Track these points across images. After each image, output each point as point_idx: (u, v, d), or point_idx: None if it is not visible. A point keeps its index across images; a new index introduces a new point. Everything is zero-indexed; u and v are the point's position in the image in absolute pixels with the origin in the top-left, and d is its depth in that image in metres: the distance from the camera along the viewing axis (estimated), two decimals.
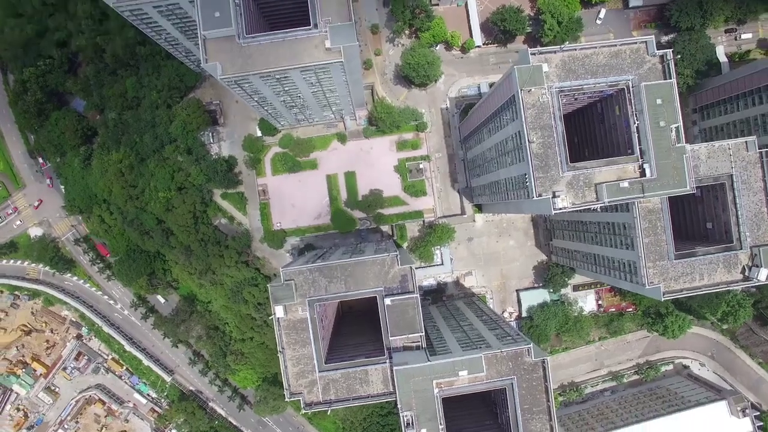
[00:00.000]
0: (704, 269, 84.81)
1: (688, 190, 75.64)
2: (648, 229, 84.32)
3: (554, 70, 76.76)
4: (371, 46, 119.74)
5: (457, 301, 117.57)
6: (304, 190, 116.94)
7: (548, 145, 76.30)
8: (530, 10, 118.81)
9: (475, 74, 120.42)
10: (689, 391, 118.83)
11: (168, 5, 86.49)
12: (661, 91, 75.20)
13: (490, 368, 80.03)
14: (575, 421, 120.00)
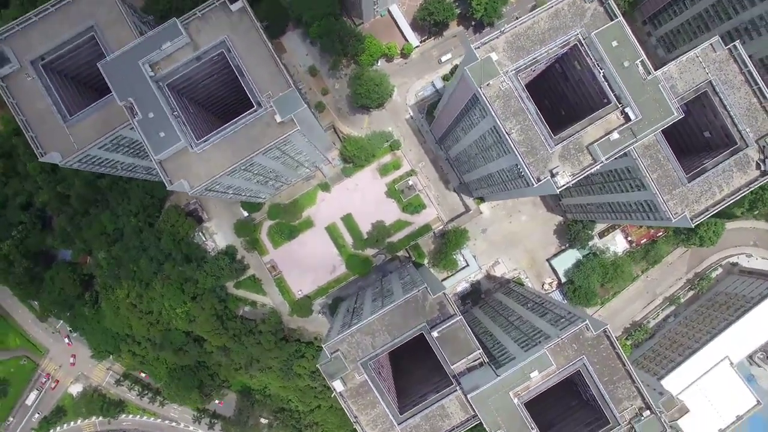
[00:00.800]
0: (720, 180, 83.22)
1: (676, 116, 73.95)
2: (652, 165, 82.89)
3: (503, 54, 75.12)
4: (316, 88, 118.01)
5: (496, 294, 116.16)
6: (310, 250, 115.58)
7: (527, 128, 74.71)
8: None
9: (425, 74, 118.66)
10: (747, 287, 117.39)
11: (111, 141, 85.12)
12: (613, 33, 73.29)
13: (557, 358, 78.88)
14: (652, 359, 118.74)
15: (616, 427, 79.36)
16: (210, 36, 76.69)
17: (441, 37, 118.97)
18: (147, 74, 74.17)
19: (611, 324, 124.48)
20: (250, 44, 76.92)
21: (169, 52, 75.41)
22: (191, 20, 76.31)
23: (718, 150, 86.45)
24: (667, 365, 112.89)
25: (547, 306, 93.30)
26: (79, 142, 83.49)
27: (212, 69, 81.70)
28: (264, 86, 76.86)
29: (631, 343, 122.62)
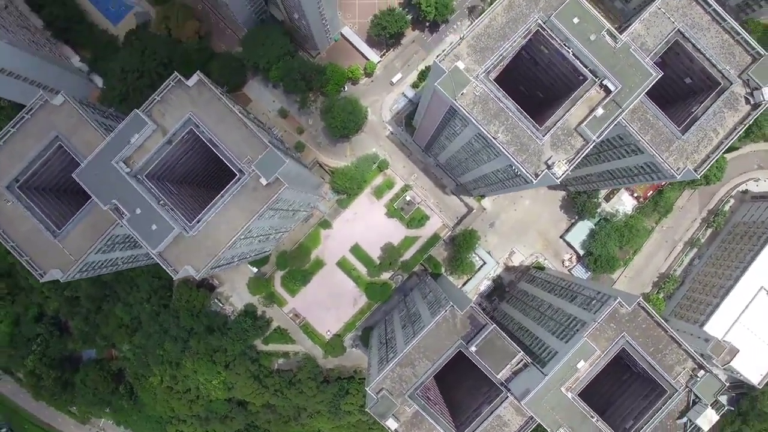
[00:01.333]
0: (714, 124, 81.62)
1: (655, 76, 72.55)
2: (642, 128, 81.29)
3: (469, 59, 73.77)
4: (291, 129, 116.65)
5: (520, 284, 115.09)
6: (328, 289, 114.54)
7: (512, 126, 73.44)
8: (399, 5, 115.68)
9: (394, 87, 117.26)
10: (764, 212, 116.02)
11: (106, 243, 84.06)
12: (572, 11, 71.74)
13: (599, 342, 77.77)
14: (689, 307, 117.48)
15: (674, 394, 78.44)
16: (175, 117, 75.53)
17: (400, 46, 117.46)
18: (123, 172, 73.13)
19: (638, 282, 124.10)
20: (216, 115, 75.80)
21: (139, 143, 74.24)
22: (152, 106, 75.08)
23: (704, 94, 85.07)
24: (705, 310, 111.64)
25: (574, 289, 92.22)
26: (76, 253, 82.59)
27: (186, 147, 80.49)
28: (241, 152, 75.71)
29: (663, 295, 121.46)
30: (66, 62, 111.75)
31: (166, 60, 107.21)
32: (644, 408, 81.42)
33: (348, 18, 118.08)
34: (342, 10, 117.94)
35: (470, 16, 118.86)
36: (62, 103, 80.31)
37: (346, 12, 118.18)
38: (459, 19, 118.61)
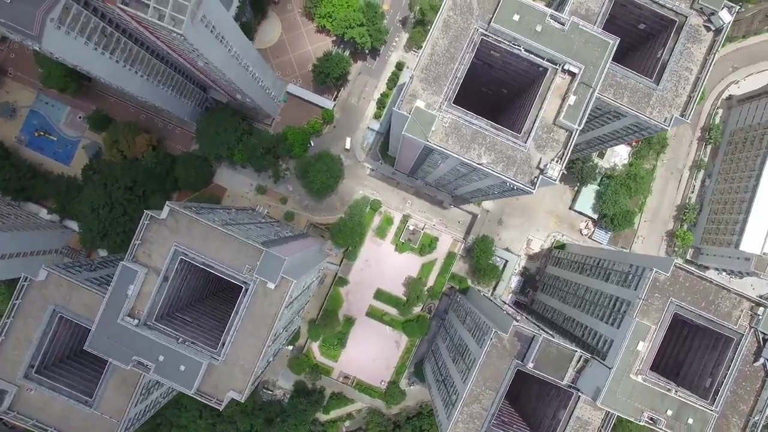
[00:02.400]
0: (684, 62, 78.70)
1: (613, 43, 69.92)
2: (617, 92, 78.58)
3: (426, 93, 71.20)
4: (275, 202, 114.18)
5: (548, 269, 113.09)
6: (367, 342, 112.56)
7: (492, 144, 71.02)
8: (333, 45, 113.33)
9: (357, 124, 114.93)
10: (756, 112, 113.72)
11: (142, 391, 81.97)
12: (510, 9, 69.35)
13: (650, 316, 75.90)
14: (717, 231, 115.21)
15: (741, 339, 76.44)
16: (162, 253, 73.17)
17: (348, 83, 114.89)
18: (132, 326, 71.02)
19: (659, 222, 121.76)
20: (200, 236, 73.40)
21: (136, 291, 72.02)
22: (136, 251, 72.74)
23: (662, 35, 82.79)
24: (734, 228, 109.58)
25: (604, 266, 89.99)
26: (116, 414, 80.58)
27: (183, 275, 78.29)
28: (239, 263, 73.35)
29: (687, 227, 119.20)
30: (35, 220, 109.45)
31: (130, 183, 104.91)
32: (717, 360, 79.43)
33: (288, 74, 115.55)
34: (279, 69, 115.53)
35: (405, 28, 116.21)
36: (47, 276, 78.28)
37: (284, 70, 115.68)
38: (395, 34, 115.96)
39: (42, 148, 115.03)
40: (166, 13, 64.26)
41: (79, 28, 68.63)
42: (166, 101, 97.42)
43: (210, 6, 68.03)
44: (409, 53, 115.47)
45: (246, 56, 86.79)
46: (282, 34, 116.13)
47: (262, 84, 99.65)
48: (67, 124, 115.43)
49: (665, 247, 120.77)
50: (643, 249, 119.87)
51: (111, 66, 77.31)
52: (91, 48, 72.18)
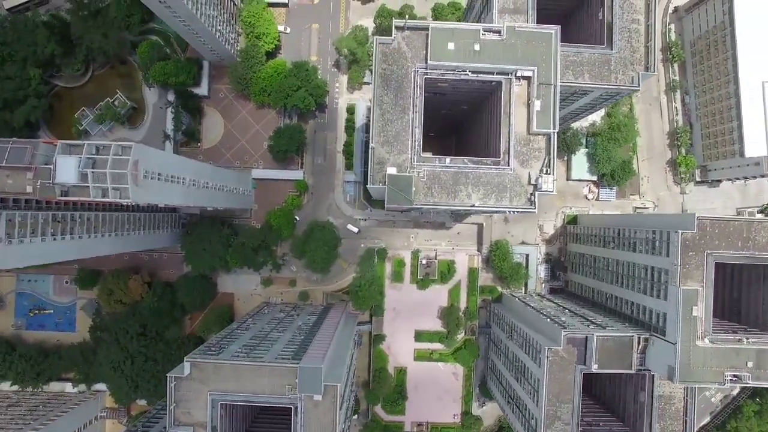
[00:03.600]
0: (628, 15, 75.23)
1: (556, 28, 67.01)
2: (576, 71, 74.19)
3: (392, 155, 67.89)
4: (284, 287, 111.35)
5: (570, 247, 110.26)
6: (425, 384, 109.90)
7: (477, 179, 68.02)
8: (278, 115, 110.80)
9: (333, 182, 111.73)
10: (707, 17, 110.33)
11: None
12: (441, 40, 66.18)
13: (693, 278, 72.79)
14: (716, 144, 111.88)
15: None
16: (199, 406, 71.18)
17: (308, 145, 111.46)
18: None
19: (656, 155, 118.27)
20: (230, 376, 71.01)
21: None
22: (174, 414, 70.78)
23: None
24: (733, 137, 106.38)
25: (627, 236, 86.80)
26: None
27: (229, 415, 75.78)
28: (277, 387, 70.77)
29: (685, 150, 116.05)
30: (64, 399, 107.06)
31: (140, 330, 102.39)
32: None
33: (248, 161, 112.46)
34: (237, 159, 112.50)
35: (340, 71, 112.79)
36: None
37: (241, 158, 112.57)
38: (334, 80, 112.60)
39: (42, 325, 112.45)
40: (108, 188, 61.36)
41: (30, 231, 65.60)
42: (141, 243, 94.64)
43: (147, 159, 64.99)
44: (354, 93, 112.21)
45: (202, 176, 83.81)
46: (226, 124, 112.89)
47: (228, 189, 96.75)
48: (57, 293, 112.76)
49: (671, 177, 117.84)
50: (651, 188, 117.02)
51: (74, 246, 74.41)
52: (48, 241, 69.20)
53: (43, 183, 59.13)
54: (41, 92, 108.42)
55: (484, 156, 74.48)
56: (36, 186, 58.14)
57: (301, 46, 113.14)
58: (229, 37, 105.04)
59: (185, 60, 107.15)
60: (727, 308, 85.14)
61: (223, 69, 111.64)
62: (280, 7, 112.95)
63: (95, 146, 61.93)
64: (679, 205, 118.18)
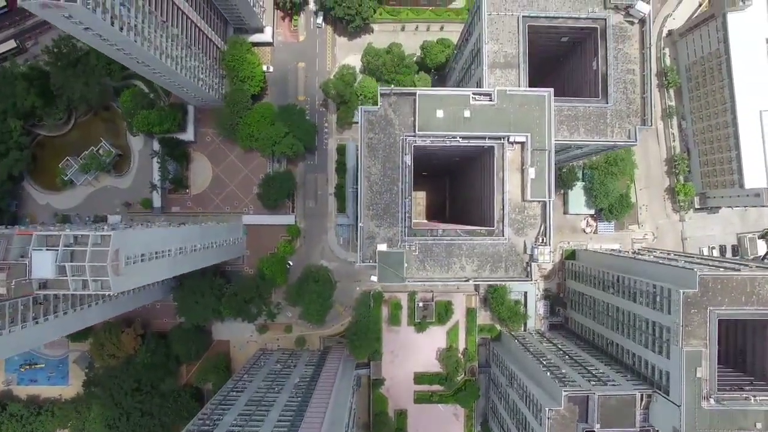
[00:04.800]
0: (623, 65, 72.70)
1: (549, 91, 64.59)
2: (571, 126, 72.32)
3: (382, 229, 65.99)
4: (280, 333, 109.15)
5: (569, 283, 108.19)
6: (426, 426, 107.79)
7: (470, 250, 65.96)
8: (267, 159, 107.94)
9: (325, 226, 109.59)
10: (702, 42, 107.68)
11: None
12: (430, 108, 63.87)
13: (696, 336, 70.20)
14: (714, 172, 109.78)
15: None
16: None
17: (298, 188, 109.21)
18: None
19: (654, 184, 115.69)
20: None
21: None
22: None
23: (588, 41, 76.82)
24: (732, 167, 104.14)
25: (627, 285, 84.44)
26: None
27: None
28: None
29: (683, 179, 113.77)
30: None
31: (134, 384, 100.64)
32: None
33: (237, 206, 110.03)
34: (226, 204, 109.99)
35: (329, 111, 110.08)
36: None
37: (231, 203, 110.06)
38: (323, 120, 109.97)
39: (35, 379, 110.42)
40: (88, 281, 59.08)
41: (9, 321, 63.18)
42: (131, 303, 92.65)
43: (129, 244, 62.62)
44: (344, 132, 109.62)
45: (190, 240, 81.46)
46: (214, 169, 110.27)
47: (218, 244, 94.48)
48: (48, 346, 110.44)
49: (670, 205, 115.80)
50: (650, 216, 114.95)
51: (59, 324, 72.18)
52: (31, 326, 66.91)
53: (18, 282, 56.78)
54: (23, 144, 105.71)
55: (478, 219, 72.68)
56: (10, 286, 55.77)
57: (287, 86, 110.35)
58: (212, 84, 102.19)
59: (169, 107, 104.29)
60: (731, 356, 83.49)
61: (208, 112, 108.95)
62: (265, 46, 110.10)
63: (73, 236, 59.59)
64: (678, 233, 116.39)
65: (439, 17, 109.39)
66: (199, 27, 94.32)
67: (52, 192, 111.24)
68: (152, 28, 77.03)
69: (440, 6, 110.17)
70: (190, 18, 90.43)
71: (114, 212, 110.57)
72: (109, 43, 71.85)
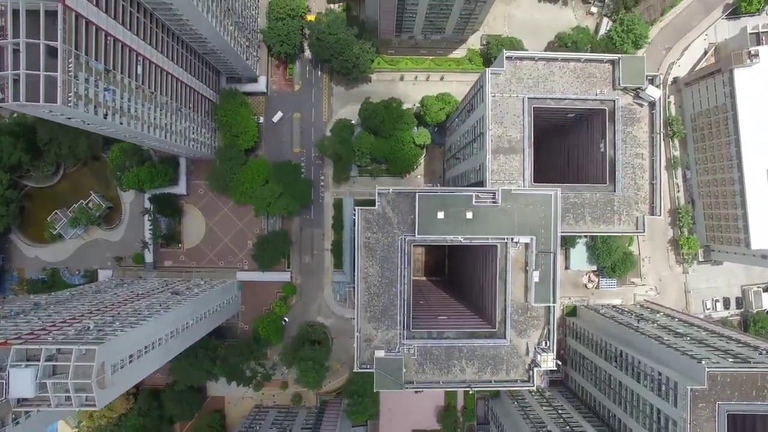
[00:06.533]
0: (632, 149, 70.58)
1: (555, 189, 61.78)
2: (577, 215, 70.28)
3: (381, 332, 63.56)
4: (276, 389, 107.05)
5: (569, 341, 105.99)
6: None
7: (472, 352, 63.74)
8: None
9: (321, 282, 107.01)
10: (709, 94, 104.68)
11: None
12: (431, 208, 61.05)
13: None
14: (719, 227, 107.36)
15: None
16: None
17: (293, 245, 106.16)
18: None
19: (657, 233, 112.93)
20: None
21: None
22: None
23: (596, 119, 73.93)
24: (738, 225, 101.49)
25: (631, 362, 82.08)
26: None
27: None
28: None
29: (687, 231, 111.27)
30: None
31: None
32: None
33: (232, 261, 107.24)
34: (220, 259, 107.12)
35: (324, 164, 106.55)
36: None
37: (225, 258, 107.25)
38: (319, 174, 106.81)
39: None
40: (72, 396, 56.29)
41: None
42: None
43: (116, 352, 59.82)
44: (341, 186, 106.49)
45: (182, 319, 78.77)
46: (207, 223, 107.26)
47: (214, 310, 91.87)
48: None
49: (673, 257, 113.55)
50: (652, 268, 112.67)
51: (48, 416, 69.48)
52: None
53: None
54: (10, 198, 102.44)
55: (478, 309, 70.33)
56: None
57: (282, 138, 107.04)
58: (204, 140, 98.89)
59: (160, 163, 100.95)
60: None
61: (201, 163, 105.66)
62: (258, 95, 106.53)
63: (55, 349, 56.83)
64: (681, 285, 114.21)
65: (439, 67, 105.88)
66: (189, 86, 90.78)
67: (41, 244, 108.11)
68: (139, 103, 73.64)
69: (441, 55, 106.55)
70: (180, 79, 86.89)
71: (105, 266, 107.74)
72: (93, 126, 68.67)
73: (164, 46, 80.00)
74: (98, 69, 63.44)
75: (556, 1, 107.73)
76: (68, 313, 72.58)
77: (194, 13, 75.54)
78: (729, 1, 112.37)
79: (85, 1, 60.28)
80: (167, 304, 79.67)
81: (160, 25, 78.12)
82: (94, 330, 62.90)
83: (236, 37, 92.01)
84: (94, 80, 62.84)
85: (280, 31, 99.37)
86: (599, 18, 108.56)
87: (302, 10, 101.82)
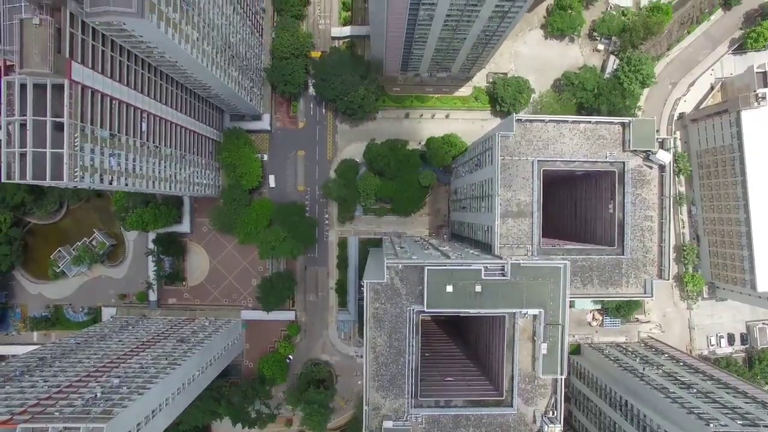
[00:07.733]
0: (642, 212, 70.69)
1: (565, 265, 61.41)
2: (585, 278, 70.24)
3: (389, 401, 63.42)
4: (281, 427, 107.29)
5: (573, 380, 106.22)
6: None
7: (479, 420, 63.54)
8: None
9: (326, 320, 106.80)
10: (715, 133, 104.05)
11: None
12: (440, 282, 60.66)
13: None
14: (725, 266, 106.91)
15: None
16: None
17: (298, 285, 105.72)
18: None
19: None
20: None
21: None
22: None
23: (605, 179, 73.51)
24: (743, 266, 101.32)
25: (636, 413, 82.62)
26: None
27: None
28: None
29: (692, 268, 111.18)
30: None
31: None
32: None
33: (236, 299, 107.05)
34: (225, 297, 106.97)
35: (328, 201, 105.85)
36: None
37: (229, 296, 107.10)
38: (323, 212, 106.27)
39: None
40: None
41: None
42: None
43: (123, 425, 59.71)
44: (345, 225, 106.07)
45: (188, 374, 78.66)
46: (211, 261, 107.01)
47: (218, 356, 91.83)
48: None
49: (678, 293, 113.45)
50: (656, 305, 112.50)
51: None
52: None
53: None
54: (13, 236, 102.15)
55: (485, 373, 70.26)
56: None
57: (286, 176, 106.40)
58: (208, 182, 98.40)
59: (163, 203, 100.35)
60: None
61: (205, 201, 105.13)
62: (262, 133, 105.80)
63: (62, 428, 56.69)
64: (685, 321, 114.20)
65: (444, 105, 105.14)
66: (193, 131, 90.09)
67: (44, 281, 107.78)
68: (144, 161, 73.11)
69: (446, 93, 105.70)
70: (184, 126, 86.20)
71: (109, 303, 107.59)
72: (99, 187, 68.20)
73: (167, 96, 79.33)
74: (103, 137, 62.92)
75: (562, 38, 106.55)
76: (73, 372, 72.50)
77: (198, 68, 74.82)
78: (735, 36, 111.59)
79: (91, 71, 59.71)
80: (174, 357, 79.57)
81: (164, 77, 77.41)
82: (101, 399, 62.78)
83: (240, 81, 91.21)
84: (100, 149, 62.35)
85: (284, 71, 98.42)
86: (606, 55, 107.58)
87: (307, 48, 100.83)
